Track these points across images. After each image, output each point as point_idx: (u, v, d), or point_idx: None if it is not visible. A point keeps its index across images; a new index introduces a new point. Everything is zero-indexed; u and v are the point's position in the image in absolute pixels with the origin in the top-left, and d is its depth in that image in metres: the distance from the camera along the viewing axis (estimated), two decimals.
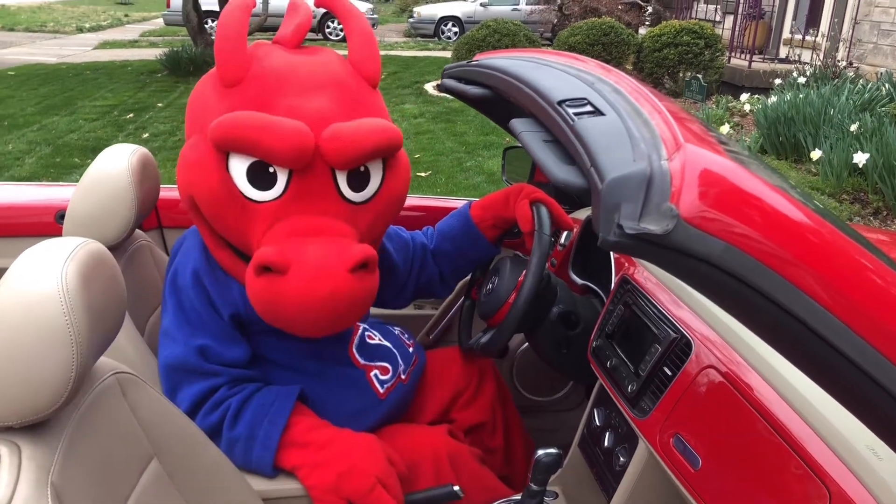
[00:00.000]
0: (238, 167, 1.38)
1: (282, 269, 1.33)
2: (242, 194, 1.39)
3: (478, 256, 1.85)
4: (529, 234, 1.69)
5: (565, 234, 2.07)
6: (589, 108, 1.00)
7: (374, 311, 1.85)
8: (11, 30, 18.69)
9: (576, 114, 0.98)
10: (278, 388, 1.51)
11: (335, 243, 1.38)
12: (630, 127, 0.89)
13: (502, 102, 1.58)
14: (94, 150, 6.93)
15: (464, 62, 1.67)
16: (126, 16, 23.71)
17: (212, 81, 1.47)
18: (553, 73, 1.23)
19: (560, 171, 0.95)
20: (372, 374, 1.61)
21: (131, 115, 8.64)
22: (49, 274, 0.94)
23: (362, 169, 1.45)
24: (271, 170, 1.38)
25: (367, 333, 1.65)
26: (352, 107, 1.46)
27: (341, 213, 1.43)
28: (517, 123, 1.15)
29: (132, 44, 16.26)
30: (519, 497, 1.48)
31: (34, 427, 0.94)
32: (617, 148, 0.84)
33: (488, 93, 1.58)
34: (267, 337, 1.53)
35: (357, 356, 1.61)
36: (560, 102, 1.03)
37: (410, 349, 1.73)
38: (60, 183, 3.17)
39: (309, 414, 1.51)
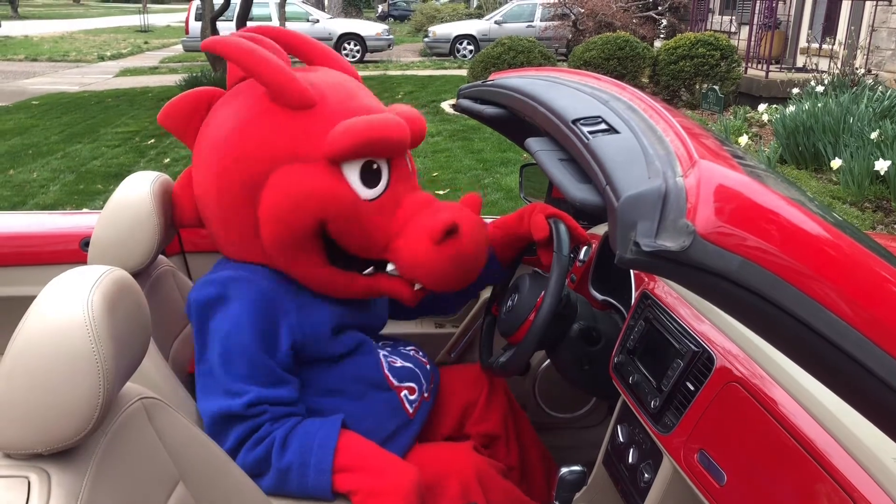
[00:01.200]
0: (352, 174, 1.47)
1: (460, 228, 1.49)
2: (362, 198, 1.48)
3: (486, 273, 1.83)
4: (544, 246, 1.70)
5: (584, 249, 2.07)
6: (603, 126, 1.00)
7: (388, 326, 1.86)
8: (35, 60, 19.00)
9: (590, 132, 0.99)
10: (321, 418, 1.53)
11: (448, 203, 1.57)
12: (644, 144, 0.90)
13: (518, 121, 1.59)
14: (117, 177, 7.03)
15: (479, 82, 1.68)
16: (146, 43, 24.05)
17: (273, 116, 1.47)
18: (567, 91, 1.24)
19: (576, 189, 0.95)
20: (402, 394, 1.64)
21: (152, 140, 8.76)
22: (75, 302, 0.95)
23: None
24: (375, 166, 1.49)
25: (390, 359, 1.68)
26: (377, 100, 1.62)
27: (417, 185, 1.61)
28: (533, 143, 1.16)
29: (152, 70, 16.49)
30: None
31: (63, 454, 0.95)
32: (632, 166, 0.85)
33: (504, 112, 1.59)
34: (315, 364, 1.56)
35: (391, 377, 1.64)
36: (575, 121, 1.04)
37: (427, 366, 1.74)
38: (84, 210, 3.22)
39: (357, 437, 1.53)
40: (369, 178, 1.48)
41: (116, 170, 7.33)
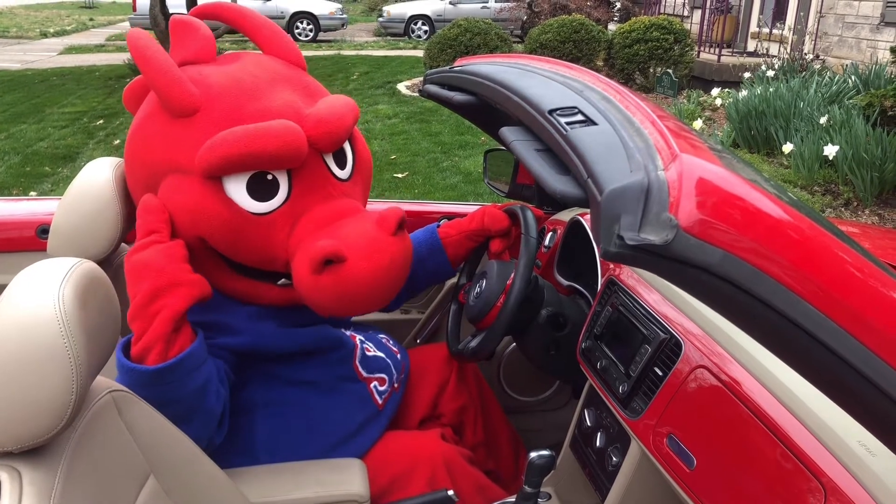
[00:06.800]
0: (236, 188, 1.36)
1: (342, 257, 1.35)
2: (250, 213, 1.37)
3: (433, 269, 1.89)
4: (498, 235, 1.82)
5: (549, 235, 2.09)
6: (580, 117, 1.00)
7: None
8: None
9: (568, 123, 0.99)
10: None
11: (363, 217, 1.42)
12: (623, 136, 0.90)
13: (487, 109, 1.59)
14: (65, 158, 6.84)
15: (446, 67, 1.67)
16: (91, 20, 23.37)
17: (158, 121, 1.42)
18: (540, 80, 1.23)
19: (556, 181, 0.95)
20: (372, 385, 1.63)
21: (101, 121, 8.53)
22: (46, 296, 0.93)
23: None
24: (270, 177, 1.38)
25: (365, 346, 1.67)
26: (307, 92, 1.49)
27: (342, 192, 1.47)
28: (508, 132, 1.15)
29: (99, 48, 16.03)
30: (513, 499, 1.50)
31: (34, 451, 0.93)
32: (613, 158, 0.85)
33: (473, 99, 1.58)
34: (279, 362, 1.54)
35: (360, 369, 1.63)
36: (551, 111, 1.04)
37: (399, 356, 1.74)
38: (39, 196, 3.12)
39: None
40: (261, 190, 1.36)
41: (64, 151, 7.14)
